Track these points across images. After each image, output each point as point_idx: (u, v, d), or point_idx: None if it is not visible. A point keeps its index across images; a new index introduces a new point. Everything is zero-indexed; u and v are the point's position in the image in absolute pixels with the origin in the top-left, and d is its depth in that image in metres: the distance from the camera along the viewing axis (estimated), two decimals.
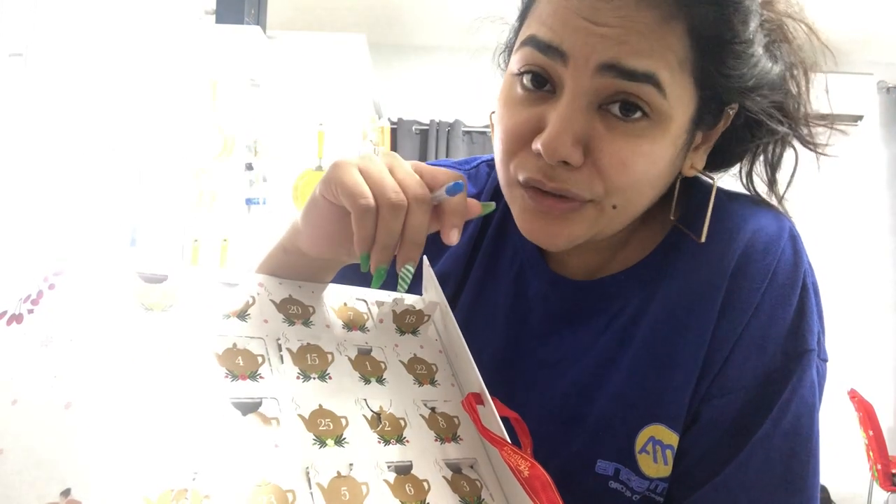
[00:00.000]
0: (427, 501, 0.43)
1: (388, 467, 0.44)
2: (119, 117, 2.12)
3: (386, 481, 0.42)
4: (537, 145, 0.49)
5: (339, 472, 0.41)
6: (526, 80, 0.51)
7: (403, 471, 0.44)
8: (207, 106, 2.51)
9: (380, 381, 0.50)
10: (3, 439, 0.35)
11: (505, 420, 0.48)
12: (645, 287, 0.58)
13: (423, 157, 4.06)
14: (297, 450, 0.41)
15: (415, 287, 0.57)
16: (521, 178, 0.52)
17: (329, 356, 0.49)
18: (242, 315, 0.48)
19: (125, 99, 2.14)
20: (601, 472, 0.56)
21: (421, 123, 4.11)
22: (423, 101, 4.09)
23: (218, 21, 2.66)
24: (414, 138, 4.11)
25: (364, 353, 0.51)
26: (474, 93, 2.97)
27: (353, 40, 3.06)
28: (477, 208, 0.50)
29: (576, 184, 0.50)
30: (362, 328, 0.53)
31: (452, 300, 0.67)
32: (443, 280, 0.67)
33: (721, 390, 0.53)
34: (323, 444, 0.42)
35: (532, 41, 0.50)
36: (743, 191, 0.61)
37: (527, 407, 0.59)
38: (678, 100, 0.49)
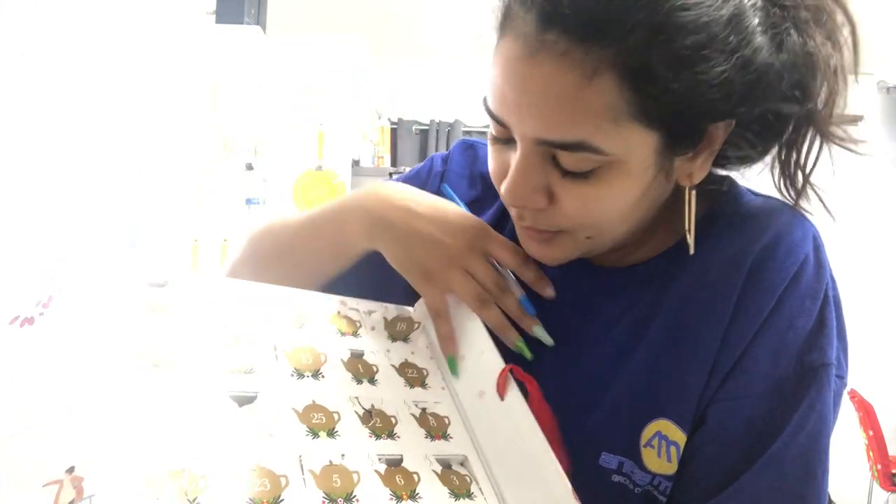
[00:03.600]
0: (417, 492, 0.44)
1: (379, 459, 0.45)
2: (119, 117, 2.12)
3: (377, 471, 0.44)
4: (503, 191, 0.53)
5: (330, 461, 0.43)
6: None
7: (394, 463, 0.46)
8: (207, 106, 2.52)
9: (371, 381, 0.52)
10: (18, 424, 0.37)
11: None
12: (661, 279, 0.57)
13: (423, 157, 4.07)
14: (291, 439, 0.43)
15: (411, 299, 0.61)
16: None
17: (322, 357, 0.51)
18: (241, 317, 0.50)
19: (125, 99, 2.14)
20: (604, 466, 0.55)
21: (421, 123, 4.12)
22: (423, 101, 4.09)
23: (218, 21, 2.67)
24: (414, 138, 4.12)
25: (356, 356, 0.53)
26: (474, 93, 2.97)
27: (353, 40, 3.06)
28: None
29: (544, 220, 0.54)
30: (355, 334, 0.56)
31: None
32: None
33: (731, 393, 0.52)
34: (315, 435, 0.44)
35: (486, 106, 0.53)
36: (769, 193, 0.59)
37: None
38: (625, 147, 0.48)
